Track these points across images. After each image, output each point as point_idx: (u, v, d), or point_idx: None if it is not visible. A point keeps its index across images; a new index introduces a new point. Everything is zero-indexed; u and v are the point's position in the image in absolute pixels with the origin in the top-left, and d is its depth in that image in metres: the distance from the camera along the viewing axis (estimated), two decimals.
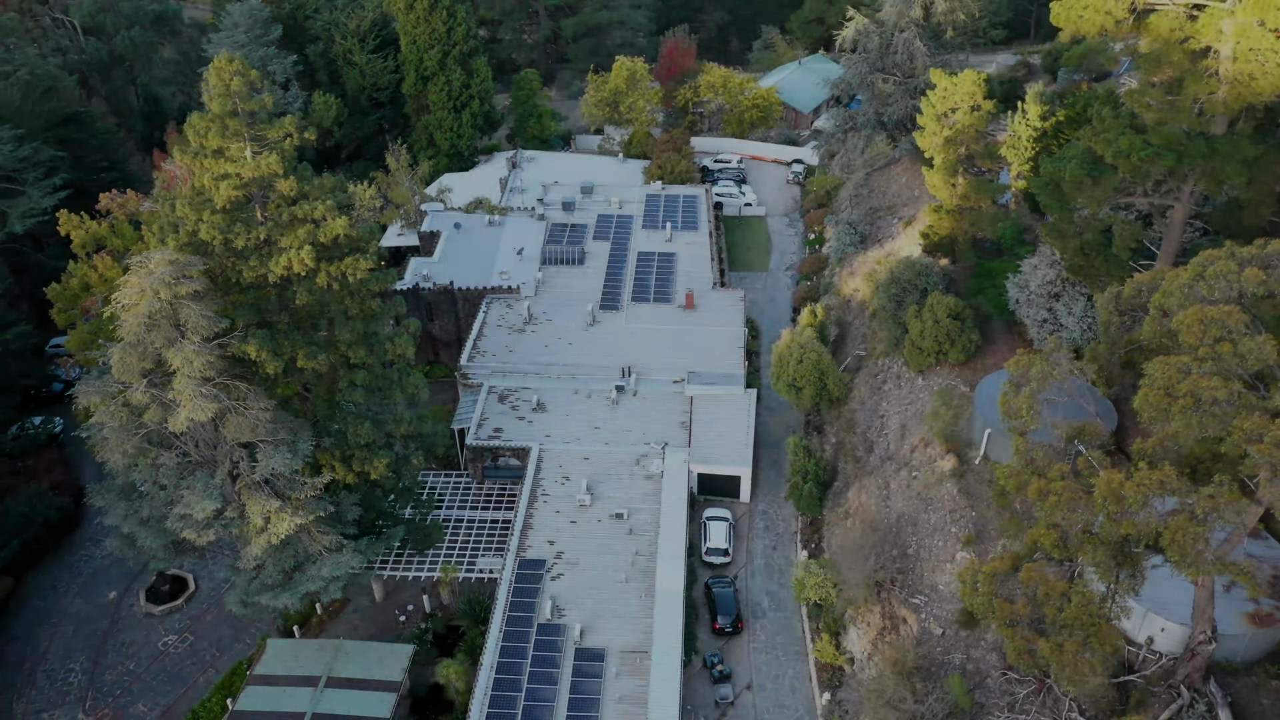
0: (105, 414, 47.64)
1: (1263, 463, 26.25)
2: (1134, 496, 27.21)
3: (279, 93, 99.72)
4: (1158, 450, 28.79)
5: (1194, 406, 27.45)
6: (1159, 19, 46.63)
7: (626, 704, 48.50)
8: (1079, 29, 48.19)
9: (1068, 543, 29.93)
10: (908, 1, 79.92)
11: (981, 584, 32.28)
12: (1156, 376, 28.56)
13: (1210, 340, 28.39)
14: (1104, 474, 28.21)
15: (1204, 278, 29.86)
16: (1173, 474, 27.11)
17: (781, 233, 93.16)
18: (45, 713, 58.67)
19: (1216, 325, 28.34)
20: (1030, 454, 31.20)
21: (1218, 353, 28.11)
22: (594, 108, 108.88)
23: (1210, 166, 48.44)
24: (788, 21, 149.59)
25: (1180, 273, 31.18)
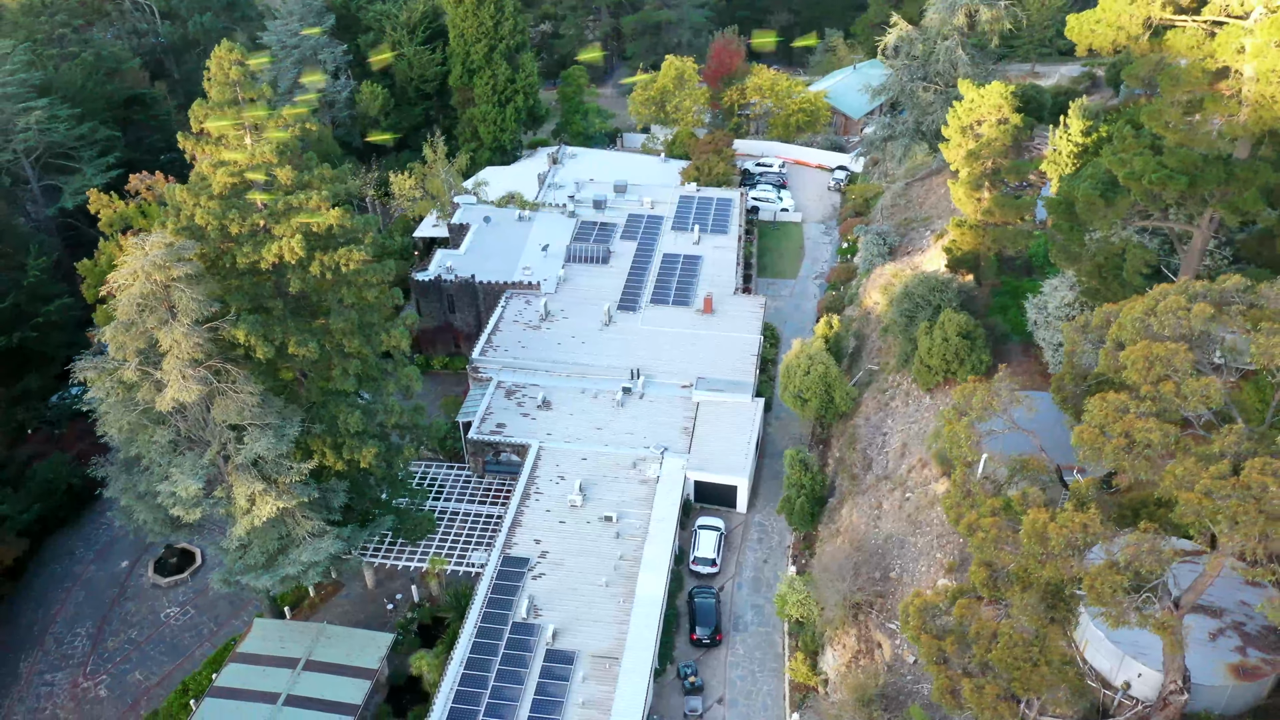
0: (101, 389, 48.97)
1: (1189, 511, 24.76)
2: (1057, 538, 25.90)
3: (329, 81, 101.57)
4: (1091, 491, 27.37)
5: (1127, 448, 26.02)
6: (1176, 36, 44.46)
7: (590, 709, 48.19)
8: (1091, 44, 46.21)
9: (997, 582, 28.69)
10: (951, 9, 77.80)
11: (912, 616, 31.16)
12: (1094, 414, 27.15)
13: (1154, 379, 26.88)
14: (1030, 513, 26.92)
15: (1155, 312, 28.28)
16: (1096, 517, 25.71)
17: (816, 240, 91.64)
18: (48, 674, 60.73)
19: (1161, 363, 26.83)
20: (967, 486, 29.96)
21: (1160, 392, 26.60)
22: (641, 106, 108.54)
23: (1228, 192, 46.07)
24: (852, 25, 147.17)
25: (1135, 305, 29.61)
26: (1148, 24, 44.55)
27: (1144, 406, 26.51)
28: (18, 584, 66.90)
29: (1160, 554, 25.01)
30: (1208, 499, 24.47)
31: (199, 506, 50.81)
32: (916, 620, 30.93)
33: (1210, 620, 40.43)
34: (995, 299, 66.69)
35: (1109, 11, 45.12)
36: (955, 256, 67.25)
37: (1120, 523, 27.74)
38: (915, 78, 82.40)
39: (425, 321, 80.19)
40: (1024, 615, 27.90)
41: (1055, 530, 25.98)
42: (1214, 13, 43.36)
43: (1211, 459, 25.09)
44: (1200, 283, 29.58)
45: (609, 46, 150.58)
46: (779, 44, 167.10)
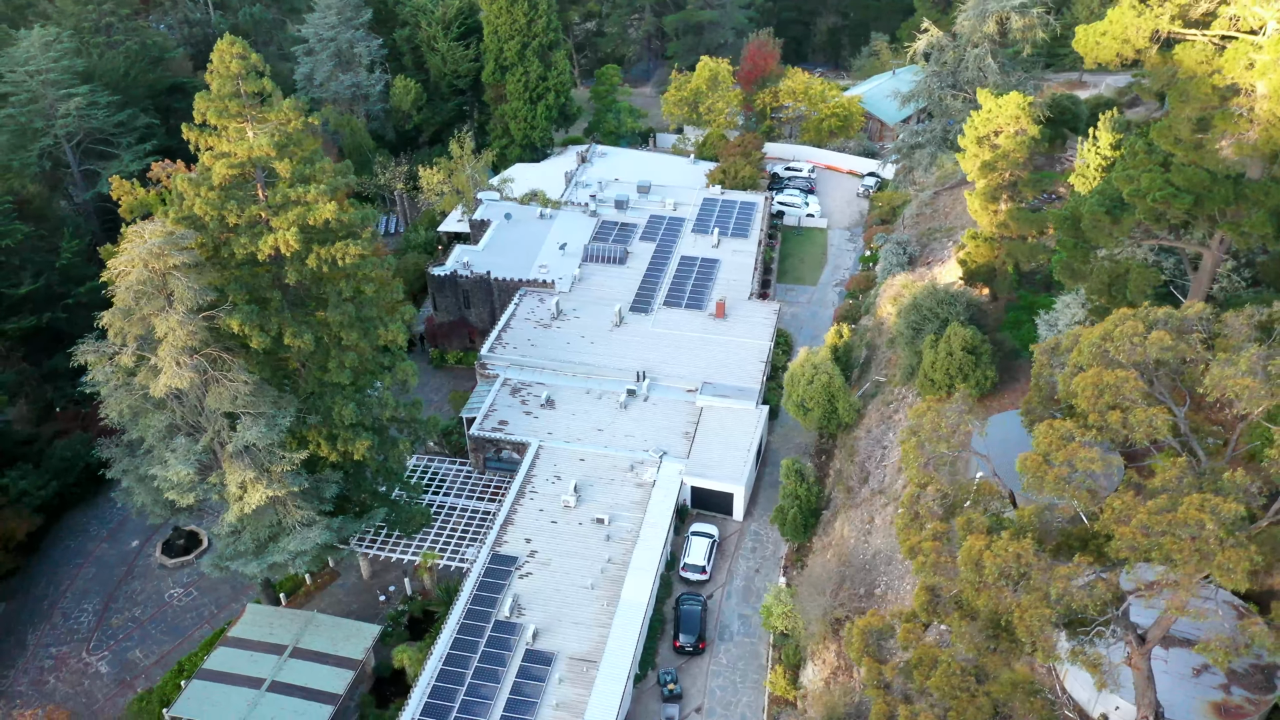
0: (100, 373, 50.07)
1: (1125, 546, 23.88)
2: (991, 566, 25.16)
3: (363, 74, 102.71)
4: (1033, 520, 26.54)
5: (1068, 478, 25.18)
6: (1185, 50, 43.01)
7: (563, 711, 48.13)
8: (1096, 57, 44.92)
9: (938, 608, 27.96)
10: (981, 16, 76.24)
11: (856, 638, 30.53)
12: (1039, 441, 26.32)
13: (1102, 407, 25.98)
14: (968, 540, 26.19)
15: (1111, 338, 27.33)
16: (1030, 547, 24.91)
17: (840, 247, 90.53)
18: (54, 648, 62.24)
19: (1111, 391, 25.91)
20: (915, 508, 29.25)
21: (1107, 421, 25.70)
22: (674, 106, 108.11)
23: (1238, 213, 44.51)
24: (899, 29, 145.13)
25: (1094, 330, 28.62)
26: (1154, 38, 43.19)
27: (1089, 435, 25.64)
28: (32, 558, 68.67)
29: (1094, 589, 24.14)
30: (1144, 535, 23.59)
31: (193, 491, 51.73)
32: (859, 642, 30.31)
33: (1195, 656, 39.18)
34: (1009, 314, 65.30)
35: (1115, 24, 43.83)
36: (970, 269, 65.95)
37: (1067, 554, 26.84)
38: (945, 85, 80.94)
39: (440, 316, 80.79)
40: (961, 643, 27.18)
41: (990, 558, 25.25)
42: (1223, 27, 41.89)
43: (1152, 493, 24.17)
44: (1163, 309, 28.52)
45: (652, 45, 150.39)
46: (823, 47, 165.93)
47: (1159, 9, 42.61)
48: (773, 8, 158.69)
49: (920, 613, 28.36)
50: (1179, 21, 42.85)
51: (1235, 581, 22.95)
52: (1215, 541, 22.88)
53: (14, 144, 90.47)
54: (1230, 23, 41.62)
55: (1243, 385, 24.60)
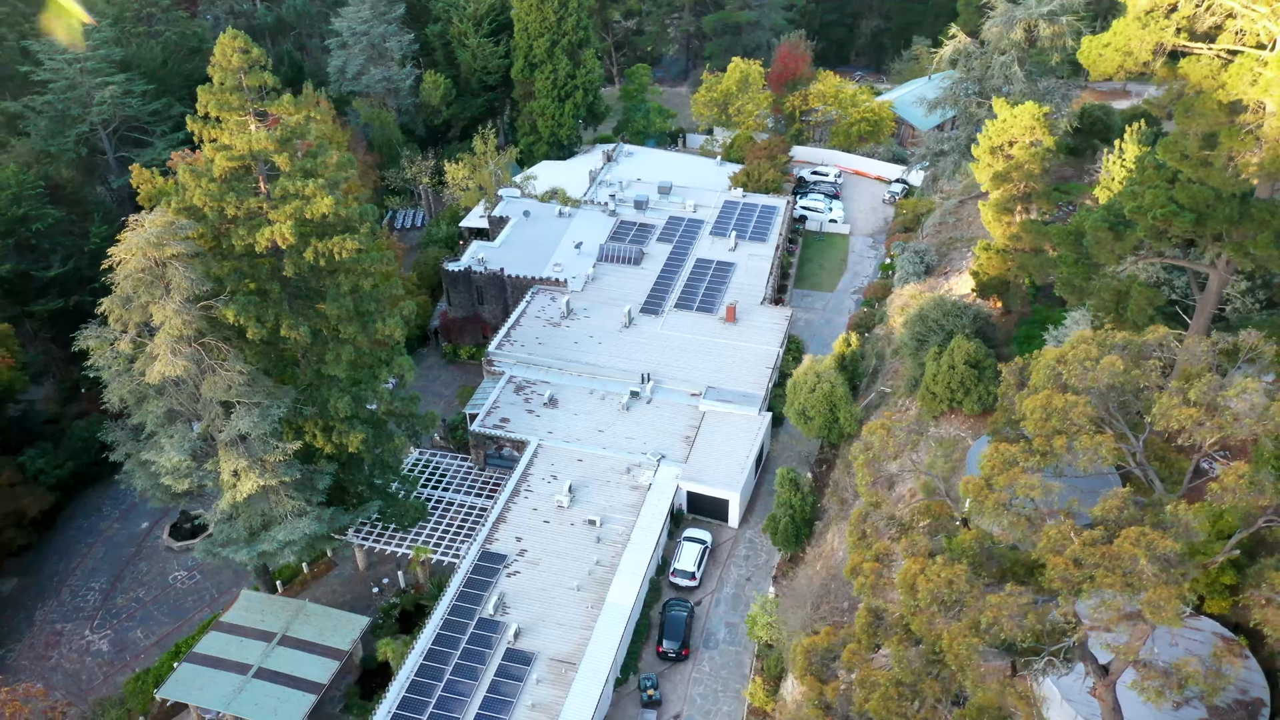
0: (100, 359, 51.05)
1: (1057, 577, 23.18)
2: (923, 591, 24.59)
3: (394, 68, 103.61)
4: (971, 545, 25.87)
5: (1006, 504, 24.52)
6: (1191, 64, 41.66)
7: (539, 712, 48.11)
8: (1098, 69, 43.69)
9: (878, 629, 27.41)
10: (1008, 22, 74.71)
11: (799, 656, 30.04)
12: (984, 464, 25.66)
13: (1049, 432, 25.26)
14: (907, 562, 25.62)
15: (1065, 361, 26.55)
16: (963, 574, 24.28)
17: (862, 254, 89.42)
18: (60, 624, 63.72)
19: (1058, 415, 25.17)
20: (863, 527, 28.69)
21: (1052, 446, 24.97)
22: (704, 107, 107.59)
23: (1244, 233, 43.12)
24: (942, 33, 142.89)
25: (1051, 352, 27.84)
26: (1158, 50, 41.85)
27: (1032, 461, 24.95)
28: (46, 535, 70.31)
29: (1024, 619, 23.47)
30: (1076, 566, 22.88)
31: (188, 478, 52.61)
32: (802, 661, 29.84)
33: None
34: (1021, 328, 63.94)
35: (1119, 36, 42.60)
36: (982, 281, 64.73)
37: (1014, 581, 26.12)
38: (971, 92, 79.52)
39: (454, 311, 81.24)
40: (898, 666, 26.61)
41: (923, 583, 24.68)
42: (1229, 41, 40.54)
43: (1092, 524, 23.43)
44: (1122, 334, 27.64)
45: (691, 45, 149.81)
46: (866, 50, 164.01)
47: (1164, 21, 41.33)
48: (815, 10, 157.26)
49: (861, 635, 27.85)
50: (1184, 35, 41.53)
51: (1166, 619, 22.16)
52: (1149, 577, 22.10)
53: (52, 130, 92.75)
54: (1236, 37, 40.26)
55: (1187, 415, 23.74)
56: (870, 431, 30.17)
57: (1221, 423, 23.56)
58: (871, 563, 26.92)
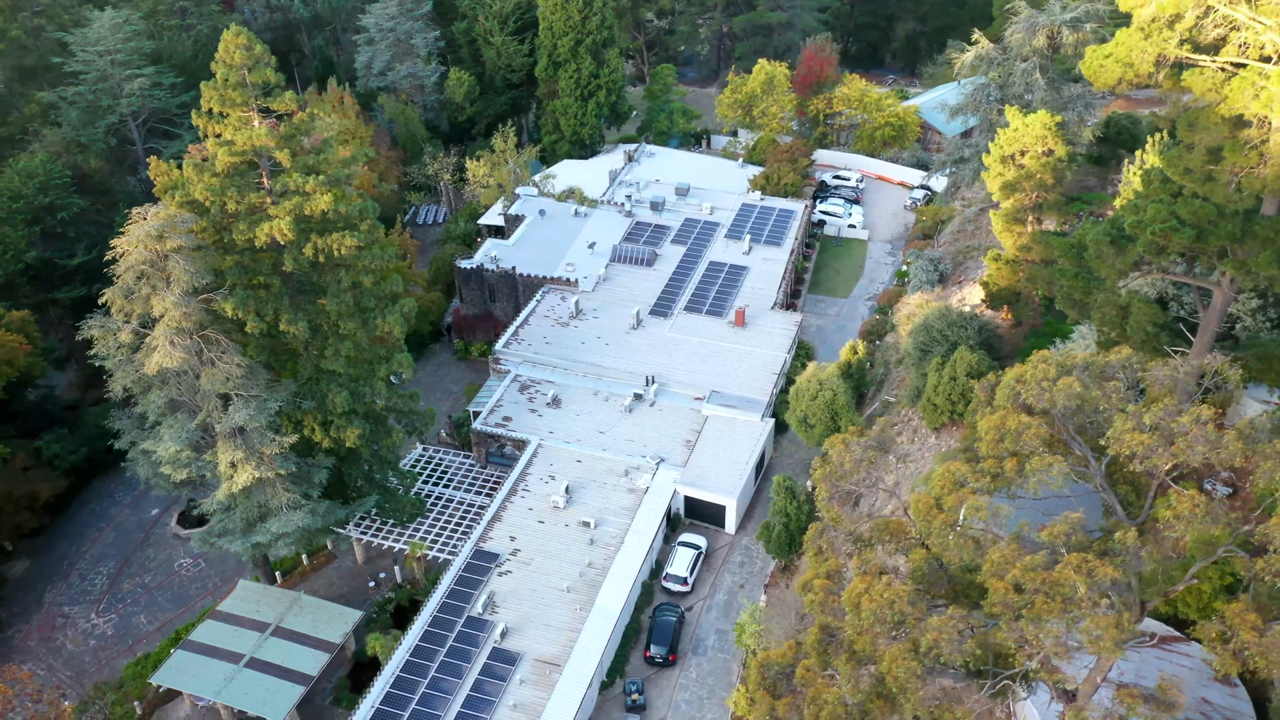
0: (103, 348, 51.93)
1: (998, 601, 22.70)
2: (866, 611, 24.21)
3: (420, 65, 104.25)
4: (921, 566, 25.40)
5: (953, 525, 24.06)
6: (1194, 76, 40.61)
7: (520, 713, 48.17)
8: (1099, 80, 42.76)
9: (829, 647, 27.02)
10: (1031, 30, 73.33)
11: (752, 671, 29.73)
12: (935, 483, 25.22)
13: (1001, 452, 24.75)
14: (855, 580, 25.25)
15: (1024, 380, 25.99)
16: (905, 594, 23.85)
17: (879, 260, 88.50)
18: (67, 606, 64.93)
19: (1011, 436, 24.66)
20: (819, 542, 28.31)
21: (1003, 468, 24.47)
22: (728, 109, 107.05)
23: (1247, 250, 42.04)
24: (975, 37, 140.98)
25: (1011, 370, 27.26)
26: (1160, 62, 40.85)
27: (983, 482, 24.46)
28: (58, 518, 71.66)
29: (963, 643, 23.03)
30: (1016, 592, 22.40)
31: (187, 467, 53.35)
32: (755, 676, 29.53)
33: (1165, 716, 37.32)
34: (1030, 341, 62.91)
35: (1120, 46, 41.65)
36: (992, 292, 63.79)
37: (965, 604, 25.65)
38: (992, 99, 78.26)
39: (467, 309, 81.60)
40: (845, 686, 26.24)
41: (867, 602, 24.30)
42: (1233, 53, 39.48)
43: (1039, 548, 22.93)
44: (1084, 354, 27.02)
45: (723, 46, 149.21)
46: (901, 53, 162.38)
47: (1168, 33, 40.35)
48: (849, 12, 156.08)
49: (811, 652, 27.49)
50: (1188, 46, 40.50)
51: (1103, 649, 21.61)
52: (1087, 605, 21.58)
53: (84, 120, 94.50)
54: (1240, 50, 39.21)
55: (1139, 441, 23.12)
56: (830, 445, 29.78)
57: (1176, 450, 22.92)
58: (823, 579, 26.58)
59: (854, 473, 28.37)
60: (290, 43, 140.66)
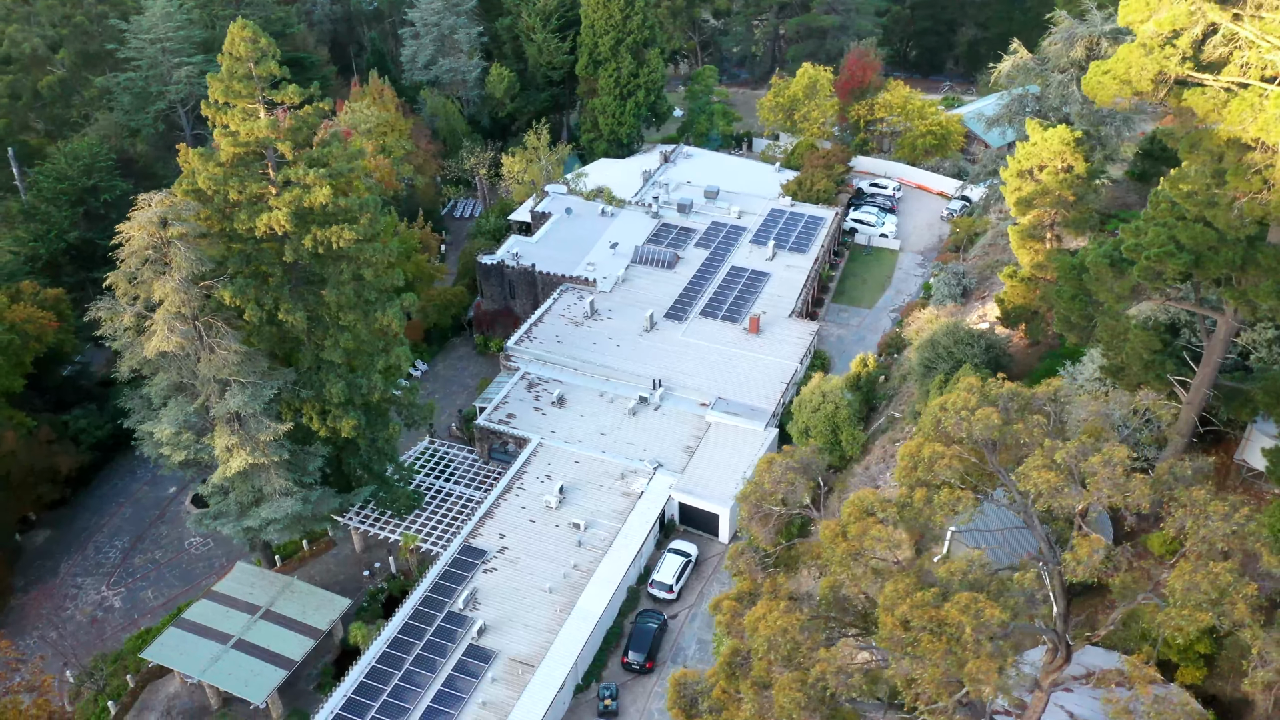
0: (108, 329, 53.36)
1: (886, 636, 21.96)
2: (761, 636, 23.63)
3: (462, 59, 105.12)
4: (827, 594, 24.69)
5: (855, 554, 23.34)
6: (1196, 96, 38.96)
7: (488, 711, 48.31)
8: (1097, 97, 41.24)
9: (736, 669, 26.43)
10: (1069, 41, 71.06)
11: (671, 689, 29.26)
12: (843, 512, 24.50)
13: (913, 482, 23.95)
14: (759, 604, 24.64)
15: (946, 408, 25.08)
16: (797, 623, 23.20)
17: (908, 271, 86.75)
18: (81, 578, 66.94)
19: (924, 466, 23.83)
20: (739, 562, 27.73)
21: (912, 498, 23.67)
22: (769, 112, 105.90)
23: (1249, 279, 40.21)
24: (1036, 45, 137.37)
25: (937, 399, 26.31)
26: (1159, 79, 39.21)
27: (889, 511, 23.69)
28: (81, 492, 73.84)
29: (849, 673, 22.33)
30: (904, 628, 21.65)
31: (186, 449, 54.59)
32: (672, 694, 29.08)
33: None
34: (1045, 361, 61.19)
35: (1120, 63, 40.09)
36: (1007, 310, 62.08)
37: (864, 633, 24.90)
38: (1028, 111, 76.08)
39: (488, 304, 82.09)
40: (748, 709, 25.66)
41: (763, 628, 23.72)
42: (1234, 73, 37.70)
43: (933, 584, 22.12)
44: (1011, 384, 25.98)
45: (777, 48, 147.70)
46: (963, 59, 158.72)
47: (1169, 50, 38.70)
48: (908, 16, 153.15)
49: (720, 673, 26.96)
50: (1189, 64, 38.80)
51: (985, 694, 20.77)
52: (972, 647, 20.75)
53: (134, 105, 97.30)
54: (1241, 69, 37.44)
55: (1044, 479, 22.13)
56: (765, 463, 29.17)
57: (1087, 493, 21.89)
58: (731, 601, 26.04)
59: (774, 493, 27.76)
60: (351, 35, 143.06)
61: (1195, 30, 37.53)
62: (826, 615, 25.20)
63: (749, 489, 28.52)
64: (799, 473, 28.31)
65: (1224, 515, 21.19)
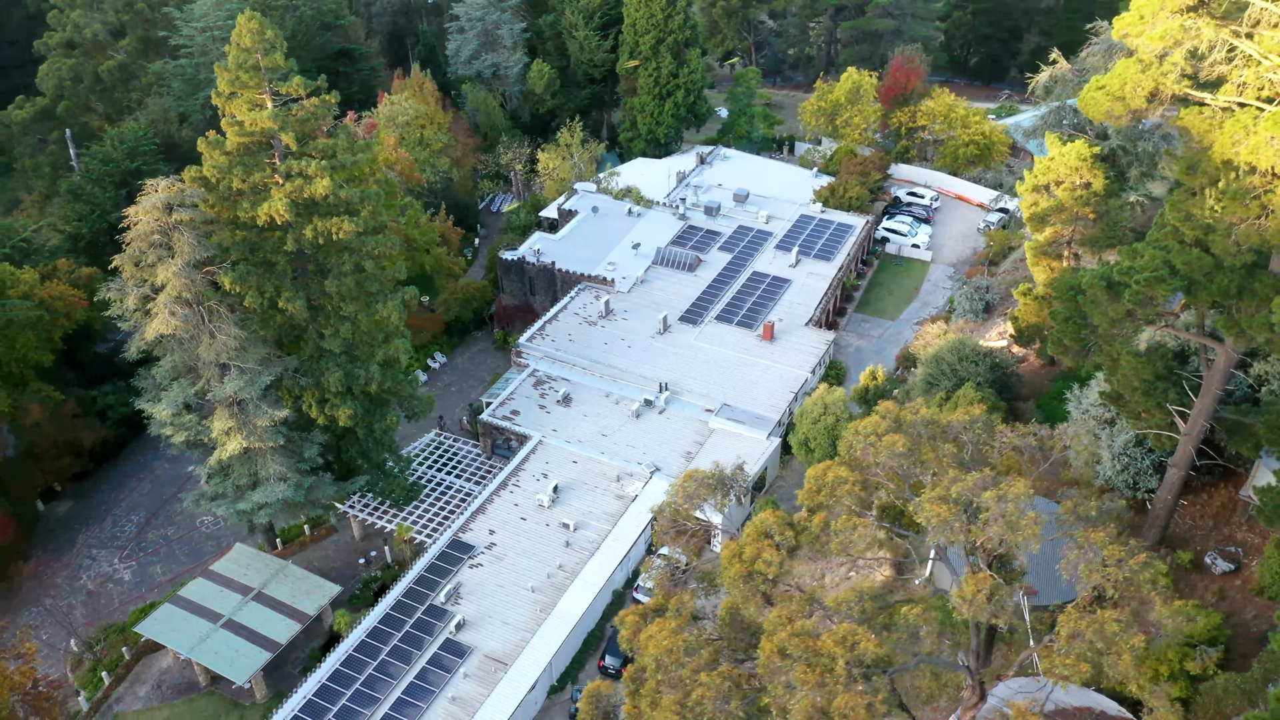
0: (116, 309, 54.71)
1: (764, 664, 21.34)
2: (648, 655, 23.16)
3: (505, 55, 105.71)
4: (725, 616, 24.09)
5: (747, 577, 22.75)
6: (1192, 115, 37.32)
7: (457, 706, 48.49)
8: (1089, 112, 39.71)
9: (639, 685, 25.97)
10: (1108, 52, 68.68)
11: (584, 700, 28.90)
12: (745, 534, 23.88)
13: (814, 506, 23.26)
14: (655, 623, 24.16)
15: (859, 432, 24.29)
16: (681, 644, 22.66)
17: (937, 284, 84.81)
18: (96, 550, 68.94)
19: (827, 490, 23.13)
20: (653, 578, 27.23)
21: (810, 523, 22.99)
22: (812, 116, 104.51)
23: (1245, 309, 38.40)
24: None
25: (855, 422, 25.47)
26: (1153, 97, 37.59)
27: (785, 536, 23.04)
28: (106, 465, 76.00)
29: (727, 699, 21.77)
30: (780, 656, 21.04)
31: (187, 430, 55.76)
32: (585, 706, 28.74)
33: None
34: (1058, 382, 59.39)
35: (1115, 78, 38.55)
36: (1020, 328, 60.37)
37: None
38: (1065, 124, 73.73)
39: (508, 300, 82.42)
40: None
41: (652, 647, 23.29)
42: (1231, 92, 35.95)
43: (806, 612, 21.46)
44: (928, 410, 25.03)
45: (833, 51, 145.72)
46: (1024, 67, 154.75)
47: (1165, 66, 37.07)
48: (970, 22, 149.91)
49: (624, 687, 26.54)
50: (1187, 82, 37.13)
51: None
52: (844, 680, 20.08)
53: (184, 91, 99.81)
54: (1238, 89, 35.69)
55: (934, 513, 21.26)
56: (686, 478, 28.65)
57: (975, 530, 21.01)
58: (634, 616, 25.63)
59: (685, 508, 27.23)
60: (410, 27, 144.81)
61: (1188, 46, 35.87)
62: (730, 638, 24.65)
63: (665, 502, 28.05)
64: (713, 489, 27.74)
65: (1118, 560, 20.14)
